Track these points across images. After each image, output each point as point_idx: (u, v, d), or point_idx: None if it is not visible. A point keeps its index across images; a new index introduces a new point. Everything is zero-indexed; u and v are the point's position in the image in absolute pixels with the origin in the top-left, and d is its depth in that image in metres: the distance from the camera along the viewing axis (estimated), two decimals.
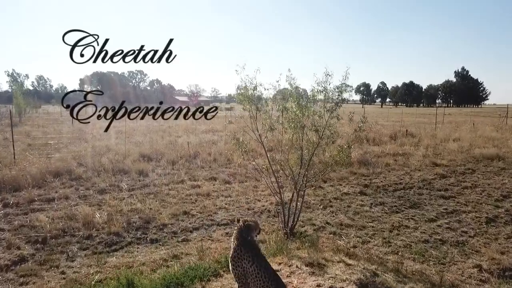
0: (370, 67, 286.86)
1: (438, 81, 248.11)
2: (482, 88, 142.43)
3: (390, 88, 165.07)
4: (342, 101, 5.71)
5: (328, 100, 5.66)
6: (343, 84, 5.62)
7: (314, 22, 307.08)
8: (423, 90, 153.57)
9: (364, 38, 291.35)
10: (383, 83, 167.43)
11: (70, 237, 5.91)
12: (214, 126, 23.25)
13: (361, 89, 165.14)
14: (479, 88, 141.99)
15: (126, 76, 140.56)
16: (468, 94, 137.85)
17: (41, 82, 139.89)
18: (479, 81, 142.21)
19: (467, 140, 17.15)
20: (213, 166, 11.66)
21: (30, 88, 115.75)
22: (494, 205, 7.88)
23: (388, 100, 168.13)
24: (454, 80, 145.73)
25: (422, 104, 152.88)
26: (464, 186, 9.42)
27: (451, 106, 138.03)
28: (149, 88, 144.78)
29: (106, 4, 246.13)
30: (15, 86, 54.23)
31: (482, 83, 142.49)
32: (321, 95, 5.68)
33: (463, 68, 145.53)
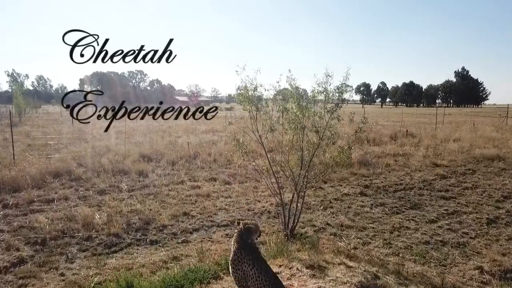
0: (370, 67, 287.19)
1: (438, 81, 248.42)
2: (482, 88, 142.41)
3: (390, 88, 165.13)
4: (342, 101, 5.68)
5: (328, 101, 5.64)
6: (343, 84, 5.59)
7: (314, 22, 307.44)
8: (423, 90, 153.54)
9: (364, 38, 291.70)
10: (383, 83, 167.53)
11: (69, 238, 5.88)
12: (214, 126, 23.22)
13: (361, 89, 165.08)
14: (479, 88, 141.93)
15: (126, 76, 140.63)
16: (468, 94, 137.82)
17: (41, 82, 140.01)
18: (479, 81, 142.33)
19: (468, 140, 17.12)
20: (213, 166, 11.63)
21: (30, 88, 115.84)
22: (495, 206, 7.86)
23: (388, 100, 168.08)
24: (454, 80, 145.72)
25: (422, 104, 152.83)
26: (464, 187, 9.40)
27: (451, 106, 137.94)
28: (149, 88, 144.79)
29: (106, 4, 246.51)
30: (15, 86, 54.28)
31: (482, 83, 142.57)
32: (321, 96, 5.66)
33: (463, 68, 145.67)
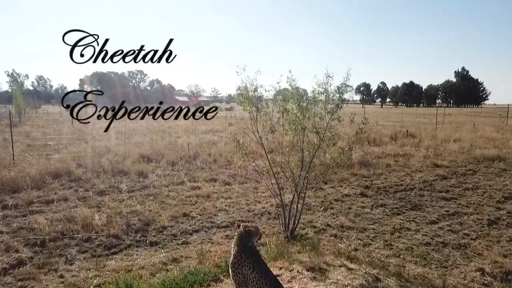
0: (370, 67, 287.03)
1: (438, 81, 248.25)
2: (482, 88, 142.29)
3: (390, 88, 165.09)
4: (343, 101, 5.66)
5: (329, 101, 5.61)
6: (343, 84, 5.56)
7: (314, 22, 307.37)
8: (423, 90, 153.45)
9: (364, 38, 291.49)
10: (383, 83, 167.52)
11: (69, 239, 5.86)
12: (214, 126, 23.12)
13: (361, 89, 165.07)
14: (479, 88, 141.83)
15: (126, 76, 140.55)
16: (468, 94, 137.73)
17: (41, 82, 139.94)
18: (479, 81, 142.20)
19: (468, 140, 17.08)
20: (213, 167, 11.60)
21: (30, 88, 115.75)
22: (495, 207, 7.84)
23: (388, 100, 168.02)
24: (454, 80, 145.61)
25: (422, 104, 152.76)
26: (465, 188, 9.37)
27: (451, 106, 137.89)
28: (149, 88, 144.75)
29: (106, 4, 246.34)
30: (15, 86, 54.27)
31: (482, 83, 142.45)
32: (322, 96, 5.64)
33: (463, 68, 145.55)
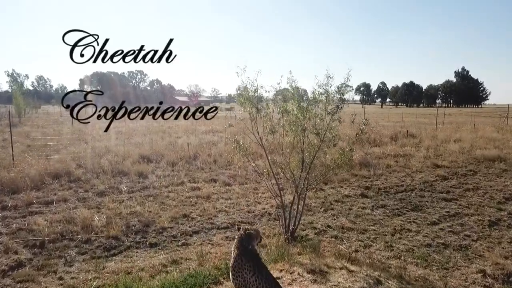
0: (370, 67, 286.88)
1: (438, 81, 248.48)
2: (482, 88, 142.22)
3: (390, 88, 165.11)
4: (343, 102, 5.63)
5: (329, 102, 5.59)
6: (344, 84, 5.55)
7: (314, 22, 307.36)
8: (423, 90, 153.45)
9: (364, 38, 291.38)
10: (383, 83, 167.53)
11: (68, 241, 5.83)
12: (214, 126, 23.14)
13: (361, 89, 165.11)
14: (479, 88, 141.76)
15: (126, 76, 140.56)
16: (468, 94, 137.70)
17: (41, 82, 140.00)
18: (479, 81, 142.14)
19: (468, 141, 17.06)
20: (213, 167, 11.58)
21: (30, 88, 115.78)
22: (496, 207, 7.81)
23: (388, 100, 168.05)
24: (454, 80, 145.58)
25: (422, 104, 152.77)
26: (466, 188, 9.35)
27: (451, 106, 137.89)
28: (149, 88, 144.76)
29: (106, 4, 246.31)
30: (15, 86, 54.24)
31: (482, 83, 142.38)
32: (322, 97, 5.61)
33: (463, 68, 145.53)
